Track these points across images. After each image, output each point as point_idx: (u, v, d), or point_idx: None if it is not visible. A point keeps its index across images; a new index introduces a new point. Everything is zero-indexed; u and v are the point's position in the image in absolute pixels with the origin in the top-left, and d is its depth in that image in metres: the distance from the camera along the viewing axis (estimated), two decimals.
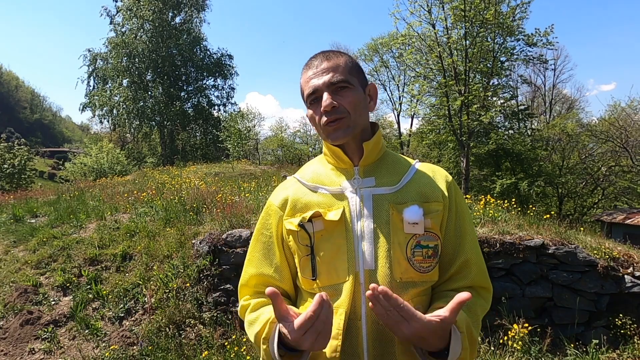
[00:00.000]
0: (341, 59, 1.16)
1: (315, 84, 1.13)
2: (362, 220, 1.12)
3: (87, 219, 6.46)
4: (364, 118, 1.17)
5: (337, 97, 1.12)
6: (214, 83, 28.69)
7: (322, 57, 1.16)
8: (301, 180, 1.25)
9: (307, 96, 1.16)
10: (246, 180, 10.31)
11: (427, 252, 1.11)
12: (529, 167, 19.79)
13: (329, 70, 1.13)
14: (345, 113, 1.12)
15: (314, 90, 1.13)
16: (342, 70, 1.14)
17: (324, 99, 1.11)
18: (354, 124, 1.14)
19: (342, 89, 1.13)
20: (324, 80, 1.12)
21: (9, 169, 19.93)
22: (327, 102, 1.10)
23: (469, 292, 1.14)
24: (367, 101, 1.19)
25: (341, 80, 1.12)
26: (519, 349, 3.67)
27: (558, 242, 4.32)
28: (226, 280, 4.33)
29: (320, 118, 1.14)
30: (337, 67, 1.14)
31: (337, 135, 1.13)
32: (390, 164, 1.21)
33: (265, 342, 1.04)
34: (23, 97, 70.88)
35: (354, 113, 1.13)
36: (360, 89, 1.17)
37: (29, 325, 4.13)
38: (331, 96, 1.11)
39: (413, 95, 19.11)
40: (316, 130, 1.21)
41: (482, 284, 1.18)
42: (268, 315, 1.08)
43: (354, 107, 1.13)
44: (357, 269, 1.09)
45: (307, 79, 1.16)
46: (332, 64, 1.14)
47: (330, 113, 1.11)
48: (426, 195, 1.15)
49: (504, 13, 14.86)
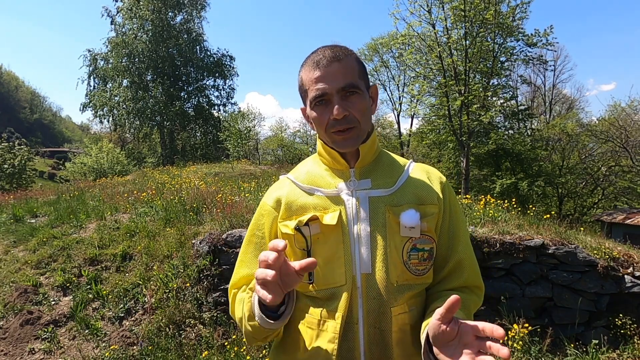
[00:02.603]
0: (351, 61, 1.12)
1: (325, 88, 1.08)
2: (358, 224, 1.11)
3: (87, 219, 6.46)
4: (369, 124, 1.16)
5: (346, 103, 1.08)
6: (214, 83, 28.73)
7: (331, 56, 1.10)
8: (295, 182, 1.22)
9: (312, 98, 1.11)
10: (246, 180, 10.31)
11: (423, 255, 1.12)
12: (529, 167, 19.81)
13: (340, 73, 1.08)
14: (356, 122, 1.10)
15: (322, 93, 1.09)
16: (352, 74, 1.10)
17: (335, 106, 1.07)
18: (363, 132, 1.13)
19: (352, 94, 1.09)
20: (334, 84, 1.08)
21: (9, 169, 19.93)
22: (339, 111, 1.06)
23: (464, 290, 1.17)
24: (370, 104, 1.16)
25: (352, 86, 1.09)
26: (519, 349, 3.67)
27: (558, 242, 4.31)
28: (226, 280, 4.33)
29: (327, 123, 1.10)
30: (348, 70, 1.10)
31: (346, 145, 1.11)
32: (386, 165, 1.20)
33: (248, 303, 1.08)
34: (23, 97, 70.86)
35: (362, 121, 1.11)
36: (367, 92, 1.14)
37: (29, 325, 4.13)
38: (342, 103, 1.08)
39: (413, 95, 19.12)
40: (316, 130, 1.18)
41: (476, 283, 1.20)
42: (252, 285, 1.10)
43: (363, 115, 1.11)
44: (354, 273, 1.09)
45: (313, 78, 1.10)
46: (343, 67, 1.09)
47: (341, 122, 1.08)
48: (422, 197, 1.15)
49: (503, 13, 14.87)
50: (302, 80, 1.15)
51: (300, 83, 1.17)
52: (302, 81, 1.15)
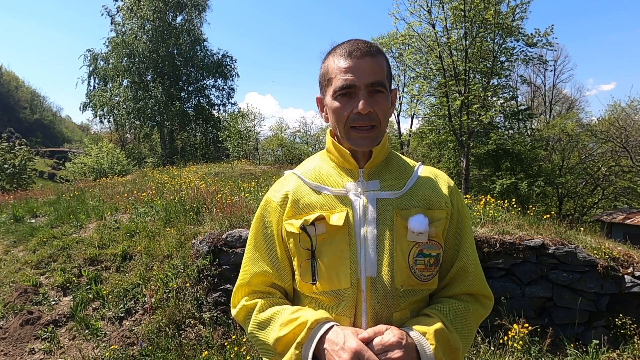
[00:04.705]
0: (383, 59, 1.10)
1: (353, 80, 1.05)
2: (365, 226, 1.09)
3: (87, 219, 6.46)
4: (387, 127, 1.14)
5: (372, 100, 1.06)
6: (214, 83, 28.72)
7: (364, 50, 1.07)
8: (302, 178, 1.19)
9: (339, 87, 1.07)
10: (246, 180, 10.31)
11: (429, 260, 1.10)
12: (529, 167, 19.82)
13: (371, 69, 1.06)
14: (377, 122, 1.08)
15: (350, 85, 1.05)
16: (382, 72, 1.08)
17: (362, 101, 1.04)
18: (381, 134, 1.11)
19: (378, 92, 1.07)
20: (364, 78, 1.05)
21: (9, 169, 19.91)
22: (364, 106, 1.04)
23: (466, 299, 1.14)
24: (390, 107, 1.14)
25: (380, 84, 1.07)
26: (519, 349, 3.67)
27: (558, 242, 4.31)
28: (226, 280, 4.33)
29: (348, 117, 1.07)
30: (379, 68, 1.08)
31: (362, 143, 1.09)
32: (395, 167, 1.18)
33: (299, 347, 1.01)
34: (23, 97, 70.79)
35: (384, 122, 1.10)
36: (390, 95, 1.13)
37: (29, 325, 4.13)
38: (368, 99, 1.05)
39: (413, 95, 19.10)
40: (332, 122, 1.14)
41: (482, 291, 1.17)
42: (304, 319, 1.03)
43: (385, 116, 1.09)
44: (359, 276, 1.07)
45: (342, 67, 1.07)
46: (375, 63, 1.07)
47: (363, 118, 1.06)
48: (430, 201, 1.13)
49: (503, 13, 14.85)
50: (328, 67, 1.12)
51: (324, 70, 1.13)
52: (328, 68, 1.12)
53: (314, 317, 1.03)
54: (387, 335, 0.97)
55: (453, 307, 1.10)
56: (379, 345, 0.96)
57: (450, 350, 1.03)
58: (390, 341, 0.96)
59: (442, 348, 1.01)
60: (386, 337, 0.97)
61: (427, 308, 1.10)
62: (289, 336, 1.03)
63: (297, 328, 1.03)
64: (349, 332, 0.98)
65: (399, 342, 0.96)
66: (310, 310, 1.09)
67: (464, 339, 1.08)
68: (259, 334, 1.10)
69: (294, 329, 1.03)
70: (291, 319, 1.05)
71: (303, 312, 1.07)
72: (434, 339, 1.00)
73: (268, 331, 1.08)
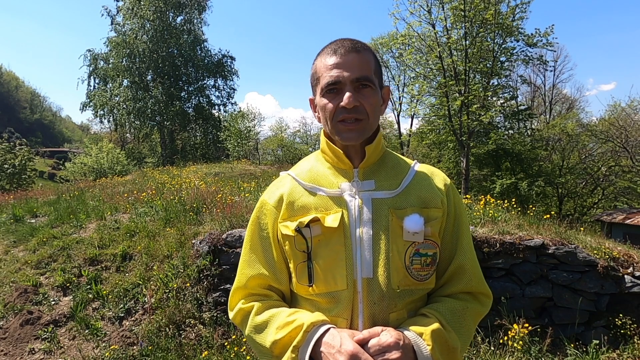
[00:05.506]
0: (370, 55, 1.11)
1: (339, 75, 1.06)
2: (361, 227, 1.09)
3: (87, 219, 6.46)
4: (377, 122, 1.14)
5: (358, 95, 1.06)
6: (214, 83, 28.71)
7: (350, 46, 1.08)
8: (297, 179, 1.19)
9: (325, 84, 1.08)
10: (246, 180, 10.32)
11: (426, 260, 1.10)
12: (529, 167, 19.83)
13: (357, 64, 1.06)
14: (365, 115, 1.08)
15: (335, 81, 1.06)
16: (368, 68, 1.09)
17: (347, 94, 1.04)
18: (369, 128, 1.10)
19: (365, 87, 1.07)
20: (350, 74, 1.05)
21: (9, 169, 19.92)
22: (349, 100, 1.04)
23: (467, 297, 1.14)
24: (381, 104, 1.14)
25: (366, 79, 1.07)
26: (519, 349, 3.67)
27: (558, 242, 4.31)
28: (226, 280, 4.33)
29: (335, 112, 1.07)
30: (365, 63, 1.08)
31: (350, 137, 1.09)
32: (390, 166, 1.18)
33: (295, 350, 1.01)
34: (23, 97, 70.83)
35: (372, 116, 1.09)
36: (379, 91, 1.12)
37: (29, 325, 4.13)
38: (354, 93, 1.05)
39: (413, 95, 19.11)
40: (321, 121, 1.14)
41: (480, 289, 1.16)
42: (301, 322, 1.03)
43: (373, 110, 1.09)
44: (355, 277, 1.07)
45: (328, 65, 1.08)
46: (361, 59, 1.08)
47: (350, 112, 1.06)
48: (426, 200, 1.13)
49: (503, 13, 14.86)
50: (316, 67, 1.12)
51: (313, 70, 1.14)
52: (316, 68, 1.13)
53: (310, 320, 1.02)
54: (384, 337, 0.97)
55: (451, 306, 1.10)
56: (375, 347, 0.95)
57: (448, 350, 1.03)
58: (387, 342, 0.96)
59: (439, 348, 1.00)
60: (383, 338, 0.97)
61: (425, 308, 1.10)
62: (286, 339, 1.03)
63: (293, 331, 1.02)
64: (345, 335, 0.98)
65: (397, 342, 0.96)
66: (306, 312, 1.08)
67: (462, 338, 1.07)
68: (256, 337, 1.10)
69: (291, 332, 1.03)
70: (287, 322, 1.05)
71: (299, 315, 1.06)
72: (430, 339, 0.99)
73: (265, 334, 1.08)
